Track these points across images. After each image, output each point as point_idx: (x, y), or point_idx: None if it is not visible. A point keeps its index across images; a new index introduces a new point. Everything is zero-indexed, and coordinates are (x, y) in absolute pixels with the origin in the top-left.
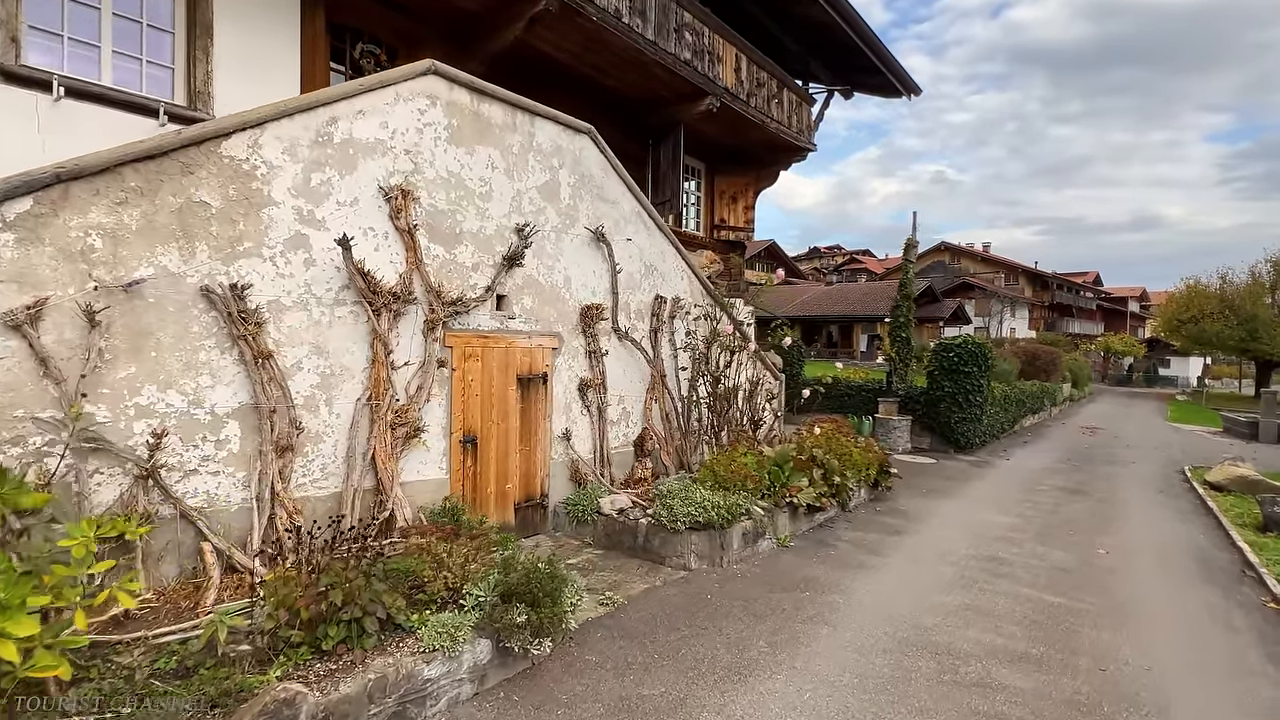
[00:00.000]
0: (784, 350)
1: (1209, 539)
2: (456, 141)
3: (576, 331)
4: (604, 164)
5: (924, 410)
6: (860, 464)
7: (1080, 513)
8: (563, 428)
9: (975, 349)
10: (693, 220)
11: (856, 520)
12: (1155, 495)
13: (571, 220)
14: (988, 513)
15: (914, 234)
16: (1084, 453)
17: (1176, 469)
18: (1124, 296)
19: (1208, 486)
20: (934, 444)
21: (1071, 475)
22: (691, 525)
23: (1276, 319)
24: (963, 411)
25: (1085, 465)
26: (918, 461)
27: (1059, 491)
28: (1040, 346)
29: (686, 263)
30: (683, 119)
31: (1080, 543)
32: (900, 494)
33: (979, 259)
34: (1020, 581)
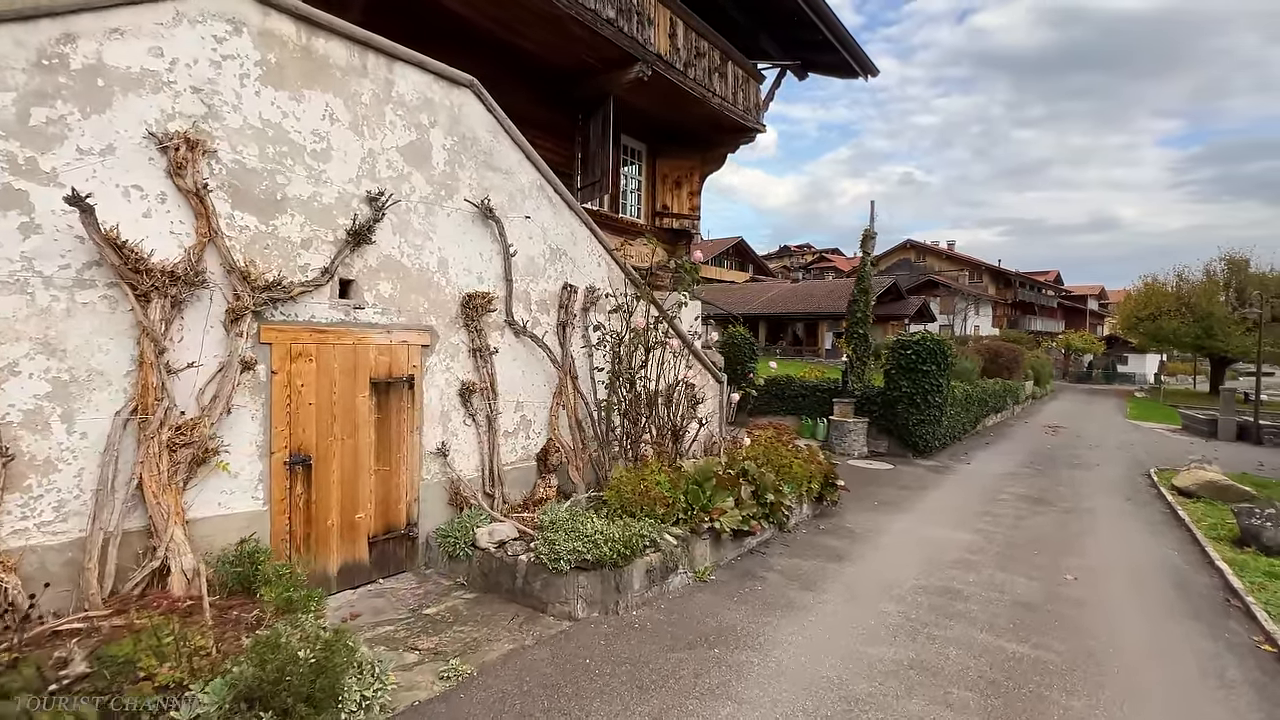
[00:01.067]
0: (737, 347)
1: (1184, 557)
2: (276, 83)
3: (456, 325)
4: (492, 126)
5: (881, 411)
6: (801, 477)
7: (1045, 527)
8: (438, 442)
9: (934, 346)
10: (634, 207)
11: (794, 543)
12: (1123, 503)
13: (449, 191)
14: (944, 529)
15: (871, 225)
16: (1047, 454)
17: (1142, 472)
18: (1084, 295)
19: (1176, 492)
20: (892, 448)
21: (1034, 481)
22: (578, 564)
23: (1230, 316)
24: (921, 413)
25: (1048, 469)
26: (873, 468)
27: (1021, 501)
28: (1003, 344)
29: (604, 247)
30: (612, 90)
31: (1045, 566)
32: (849, 508)
33: (944, 257)
34: (976, 623)
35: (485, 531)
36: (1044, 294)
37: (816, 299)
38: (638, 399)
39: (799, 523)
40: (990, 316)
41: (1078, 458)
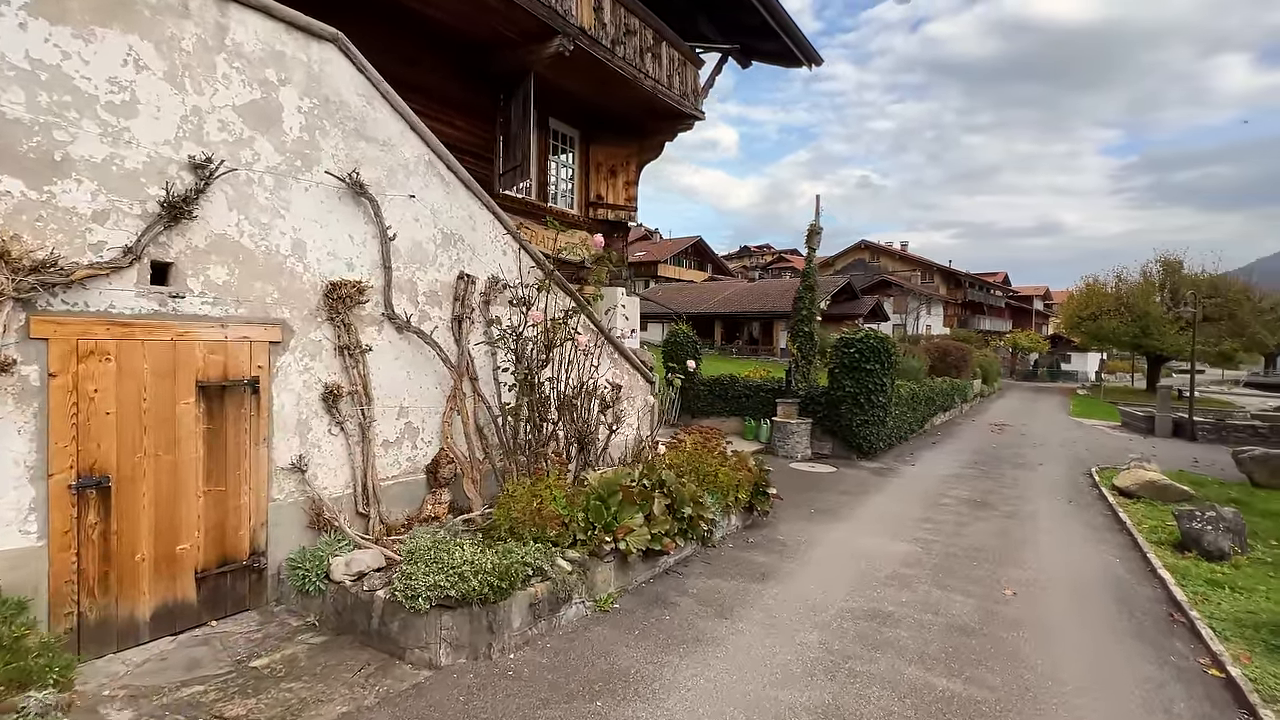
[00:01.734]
0: (679, 345)
1: (1126, 565)
2: (52, 15)
3: (318, 319)
4: (365, 89)
5: (825, 412)
6: (727, 486)
7: (985, 534)
8: (294, 455)
9: (877, 344)
10: (567, 197)
11: (718, 560)
12: (1065, 506)
13: (307, 161)
14: (881, 539)
15: (817, 220)
16: (992, 454)
17: (1084, 471)
18: (1030, 295)
19: (1117, 493)
20: (836, 449)
21: (978, 484)
22: (440, 602)
23: (1165, 316)
24: (865, 413)
25: (993, 469)
26: (815, 471)
27: (964, 505)
28: (951, 343)
29: (509, 232)
30: (532, 65)
31: (985, 580)
32: (784, 517)
33: (897, 257)
34: (906, 654)
35: (342, 561)
36: (992, 294)
37: (772, 298)
38: (543, 402)
39: (726, 536)
40: (941, 316)
41: (1022, 457)
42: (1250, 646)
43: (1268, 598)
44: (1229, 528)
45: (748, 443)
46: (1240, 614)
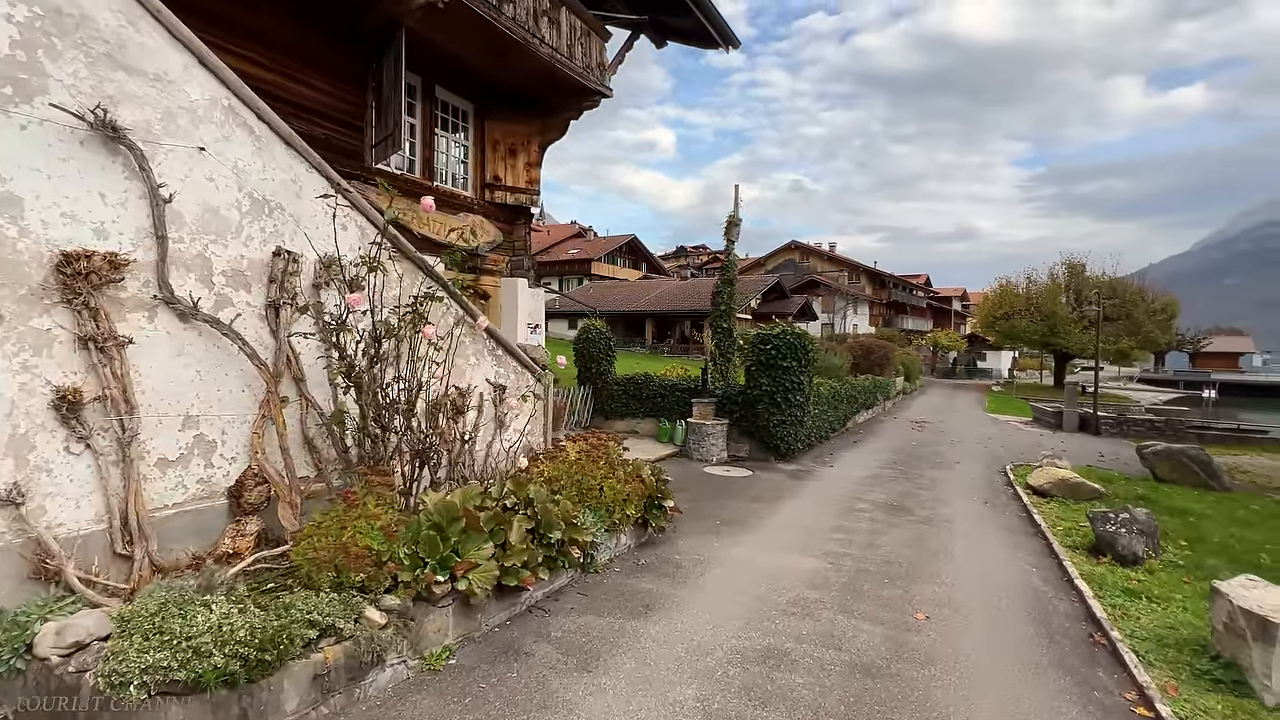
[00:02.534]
0: (591, 343)
1: (1043, 575)
2: None
3: (43, 301)
4: (126, 5)
5: (742, 412)
6: (614, 501)
7: (900, 544)
8: (3, 482)
9: (794, 340)
10: (459, 177)
11: (597, 589)
12: (981, 508)
13: (23, 90)
14: (789, 554)
15: (736, 211)
16: (911, 453)
17: (999, 468)
18: (949, 296)
19: (1031, 491)
20: (754, 451)
21: (895, 485)
22: (164, 689)
23: (1071, 316)
24: (782, 413)
25: (911, 470)
26: (729, 476)
27: (880, 511)
28: (875, 341)
29: (352, 202)
30: (402, 18)
31: (896, 602)
32: (686, 531)
33: (826, 258)
34: (799, 707)
35: (53, 629)
36: (915, 295)
37: (704, 296)
38: (388, 407)
39: (614, 558)
40: (867, 315)
41: (939, 456)
42: (1176, 673)
43: (1184, 607)
44: (1142, 530)
45: (662, 446)
46: (1161, 630)
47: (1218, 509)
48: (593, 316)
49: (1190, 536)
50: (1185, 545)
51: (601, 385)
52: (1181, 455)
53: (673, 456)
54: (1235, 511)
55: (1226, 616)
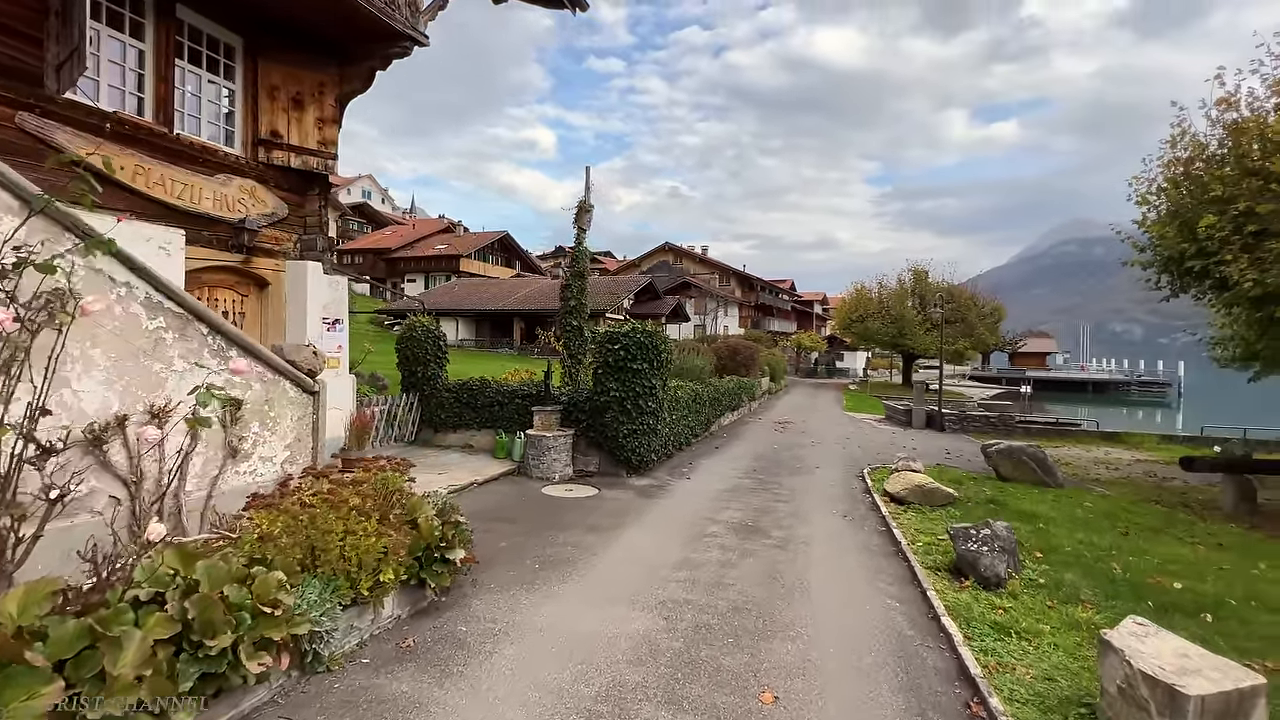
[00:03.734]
0: (416, 342)
1: (908, 613)
2: None
3: None
4: None
5: (589, 420)
6: (362, 561)
7: (752, 580)
8: None
9: (645, 339)
10: (219, 128)
11: (319, 700)
12: (840, 523)
13: None
14: (615, 609)
15: (587, 196)
16: (772, 457)
17: (857, 472)
18: (811, 300)
19: (889, 499)
20: (604, 465)
21: (753, 498)
22: None
23: (916, 319)
24: (633, 421)
25: (771, 478)
26: (570, 497)
27: (734, 534)
28: (741, 341)
29: None
30: None
31: (739, 676)
32: (489, 582)
33: (698, 261)
34: None
35: None
36: (781, 298)
37: None
38: None
39: (367, 641)
40: (737, 317)
41: (800, 460)
42: None
43: (1055, 641)
44: (1003, 547)
45: (498, 462)
46: (1040, 684)
47: (1059, 509)
48: (420, 313)
49: (1044, 547)
50: (1041, 557)
51: (430, 392)
52: (1021, 454)
53: (508, 475)
54: (1074, 511)
55: (1123, 680)
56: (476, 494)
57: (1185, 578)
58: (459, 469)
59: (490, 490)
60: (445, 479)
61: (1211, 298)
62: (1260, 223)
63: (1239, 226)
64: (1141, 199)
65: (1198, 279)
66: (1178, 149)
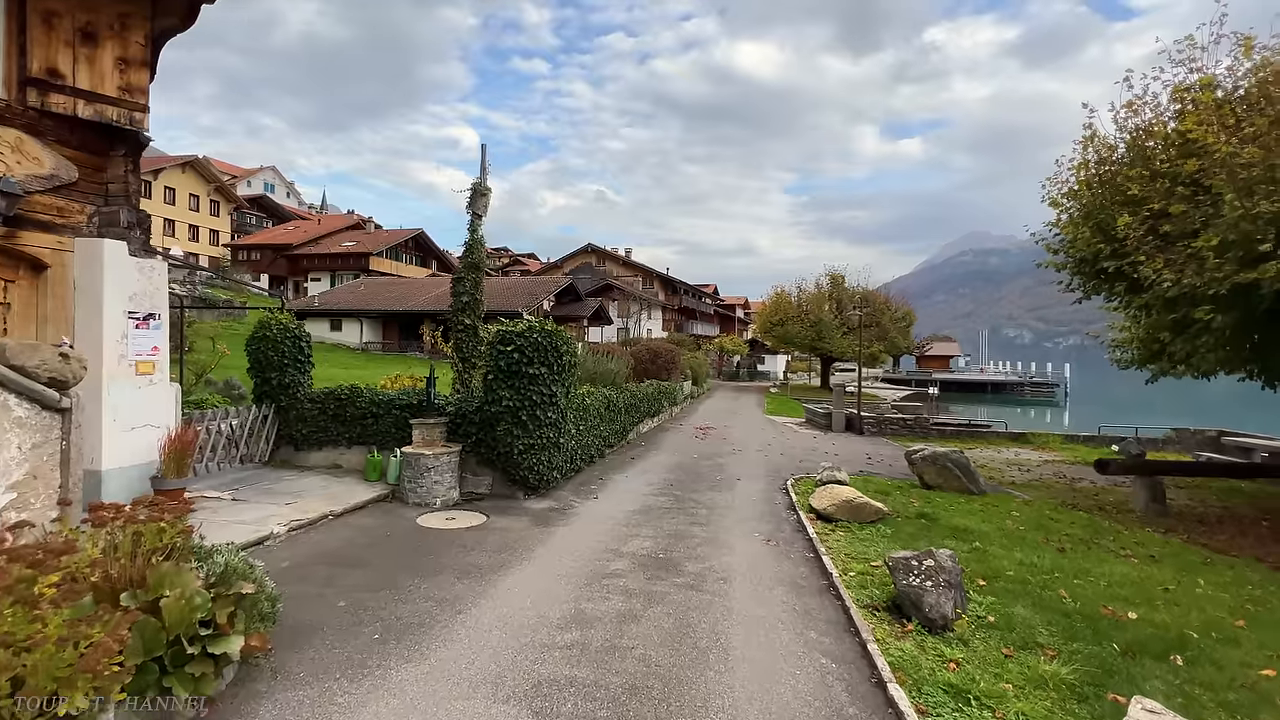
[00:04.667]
0: (271, 343)
1: (846, 679)
2: None
3: None
4: None
5: (479, 434)
6: (31, 681)
7: (658, 639)
8: None
9: (543, 340)
10: None
11: None
12: (763, 550)
13: None
14: (470, 702)
15: (483, 177)
16: (692, 468)
17: (781, 484)
18: (734, 304)
19: (815, 516)
20: (497, 486)
21: (668, 521)
22: None
23: (833, 323)
24: (530, 435)
25: (689, 494)
26: (450, 528)
27: (641, 572)
28: (662, 344)
29: None
30: None
31: None
32: (302, 668)
33: (622, 263)
34: None
35: None
36: (704, 302)
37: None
38: None
39: None
40: (661, 320)
41: (721, 470)
42: None
43: (1023, 710)
44: (949, 581)
45: (368, 487)
46: None
47: (989, 521)
48: (280, 311)
49: (985, 572)
50: (984, 585)
51: (289, 403)
52: (945, 460)
53: (378, 503)
54: (1004, 523)
55: None
56: (327, 531)
57: (1136, 604)
58: (314, 497)
59: (348, 524)
60: (289, 512)
61: (1126, 299)
62: (1176, 224)
63: (1153, 227)
64: (1053, 201)
65: (1110, 280)
66: (1089, 151)
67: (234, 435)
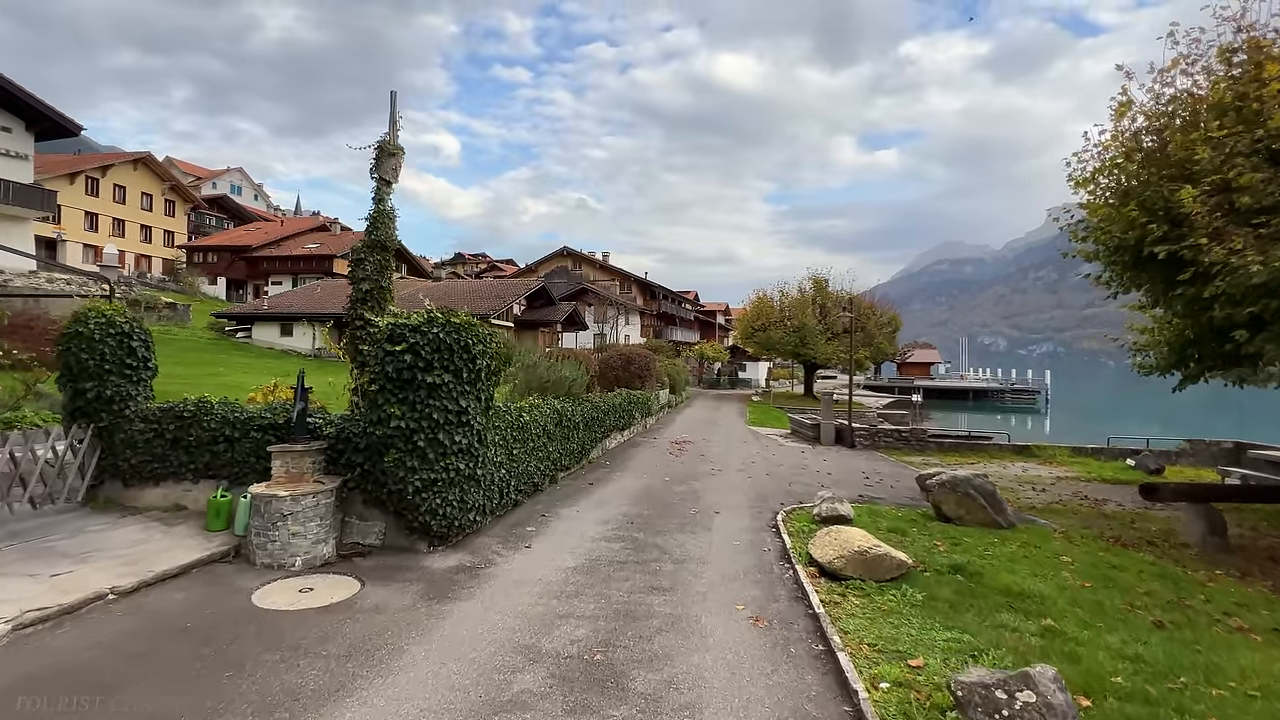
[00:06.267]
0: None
1: None
2: None
3: None
4: None
5: (365, 463)
6: None
7: None
8: None
9: (449, 336)
10: None
11: None
12: (750, 640)
13: None
14: None
15: (392, 133)
16: (661, 497)
17: (770, 519)
18: (714, 310)
19: (817, 572)
20: (392, 534)
21: (616, 587)
22: None
23: (817, 327)
24: (431, 467)
25: (652, 536)
26: (297, 609)
27: (559, 695)
28: (635, 349)
29: None
30: None
31: None
32: None
33: (599, 266)
34: None
35: None
36: (684, 307)
37: (454, 299)
38: None
39: None
40: (639, 326)
41: (696, 500)
42: None
43: None
44: None
45: (203, 540)
46: None
47: (1040, 574)
48: (108, 298)
49: (1081, 680)
50: (1088, 707)
51: (115, 423)
52: (966, 488)
53: (209, 565)
54: (1060, 575)
55: None
56: (89, 624)
57: None
58: (105, 562)
59: (139, 608)
60: (40, 592)
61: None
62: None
63: (1220, 203)
64: (1080, 181)
65: (1160, 268)
66: (1124, 122)
67: (15, 469)
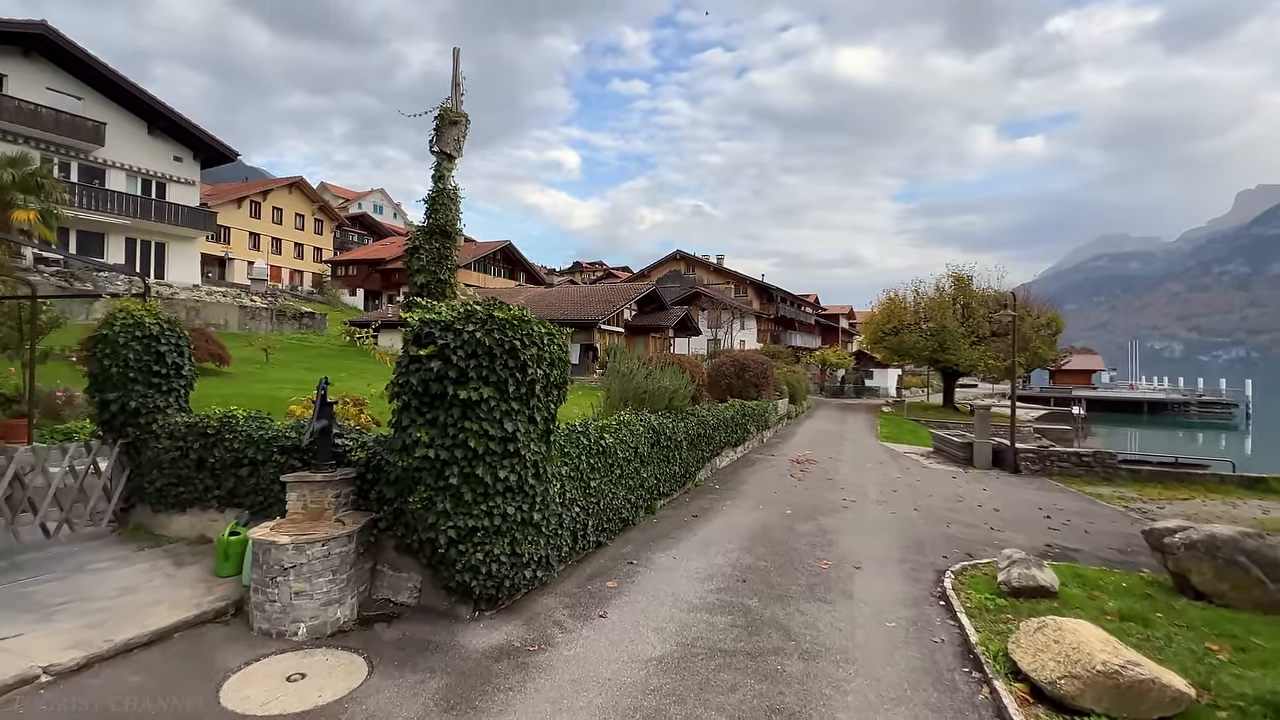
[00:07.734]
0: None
1: None
2: None
3: None
4: None
5: (398, 499)
6: None
7: None
8: None
9: (489, 336)
10: None
11: None
12: None
13: None
14: None
15: (456, 97)
16: (781, 540)
17: (934, 583)
18: (836, 314)
19: (1029, 695)
20: (430, 589)
21: (713, 703)
22: None
23: (960, 330)
24: (468, 511)
25: (769, 605)
26: (270, 713)
27: None
28: (750, 355)
29: None
30: None
31: None
32: None
33: (712, 270)
34: None
35: None
36: (804, 311)
37: (565, 305)
38: None
39: None
40: (755, 331)
41: (827, 545)
42: None
43: None
44: None
45: (208, 588)
46: None
47: None
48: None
49: None
50: None
51: (144, 438)
52: (1235, 554)
53: (199, 626)
54: None
55: None
56: None
57: None
58: (76, 616)
59: (81, 693)
60: None
61: None
62: None
63: None
64: None
65: None
66: None
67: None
